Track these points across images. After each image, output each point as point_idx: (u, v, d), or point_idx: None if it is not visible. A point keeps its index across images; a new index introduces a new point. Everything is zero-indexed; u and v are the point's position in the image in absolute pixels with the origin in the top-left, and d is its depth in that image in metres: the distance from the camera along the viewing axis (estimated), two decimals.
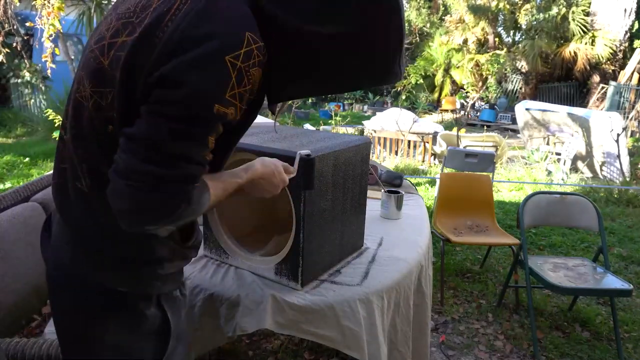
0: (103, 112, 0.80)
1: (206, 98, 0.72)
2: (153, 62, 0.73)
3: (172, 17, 0.74)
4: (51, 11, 3.92)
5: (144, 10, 0.79)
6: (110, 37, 0.81)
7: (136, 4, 0.82)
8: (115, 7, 0.88)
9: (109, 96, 0.79)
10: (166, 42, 0.73)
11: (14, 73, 8.25)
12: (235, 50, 0.72)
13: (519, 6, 13.72)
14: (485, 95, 14.01)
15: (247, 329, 1.28)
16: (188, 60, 0.71)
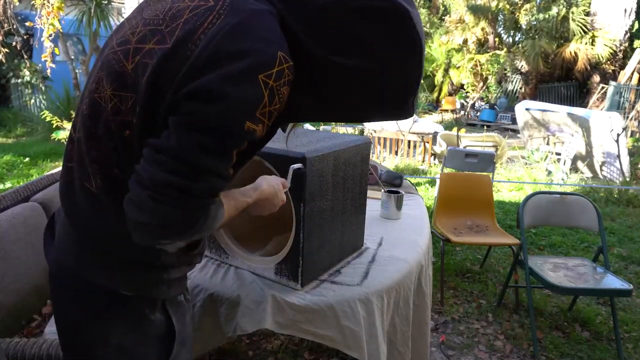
0: (121, 116, 0.79)
1: (239, 114, 0.72)
2: (183, 76, 0.72)
3: (205, 30, 0.74)
4: (51, 11, 3.93)
5: (174, 20, 0.78)
6: (137, 42, 0.80)
7: (165, 11, 0.81)
8: (140, 10, 0.87)
9: (130, 101, 0.78)
10: (198, 56, 0.72)
11: (14, 73, 8.25)
12: (268, 69, 0.72)
13: (519, 6, 13.72)
14: (485, 95, 14.01)
15: (247, 329, 1.28)
16: (222, 75, 0.70)
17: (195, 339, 1.35)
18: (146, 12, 0.85)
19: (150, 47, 0.77)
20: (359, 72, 0.80)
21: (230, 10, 0.75)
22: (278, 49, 0.74)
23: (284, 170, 1.23)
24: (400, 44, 0.80)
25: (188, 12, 0.78)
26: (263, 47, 0.73)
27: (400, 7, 0.78)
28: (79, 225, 0.90)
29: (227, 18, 0.74)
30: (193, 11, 0.77)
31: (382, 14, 0.77)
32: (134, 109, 0.77)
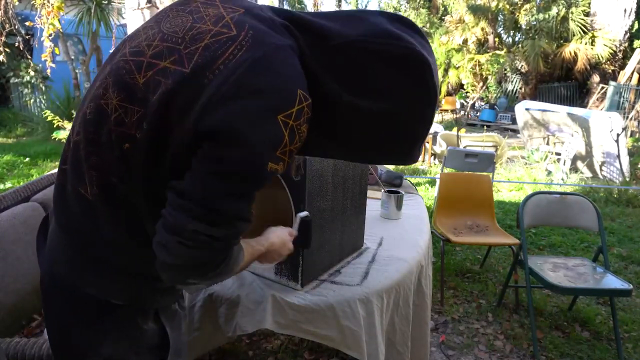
0: (124, 128, 0.77)
1: (260, 157, 0.71)
2: (202, 108, 0.70)
3: (226, 61, 0.72)
4: (51, 10, 3.93)
5: (194, 42, 0.76)
6: (152, 56, 0.78)
7: (185, 30, 0.78)
8: (158, 21, 0.84)
9: (135, 115, 0.76)
10: (217, 88, 0.70)
11: (14, 73, 8.25)
12: (288, 109, 0.71)
13: (519, 6, 13.72)
14: (485, 95, 14.02)
15: (247, 329, 1.28)
16: (243, 115, 0.69)
17: (195, 339, 1.35)
18: (164, 24, 0.82)
19: (166, 66, 0.75)
20: (371, 114, 0.79)
21: (253, 43, 0.74)
22: (298, 87, 0.73)
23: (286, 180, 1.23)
24: (416, 92, 0.79)
25: (209, 37, 0.76)
26: (284, 85, 0.72)
27: (420, 56, 0.77)
28: (70, 230, 0.88)
29: (249, 51, 0.73)
30: (214, 37, 0.75)
31: (401, 60, 0.77)
32: (140, 124, 0.75)
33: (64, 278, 0.88)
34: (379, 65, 0.76)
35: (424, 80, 0.79)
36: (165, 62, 0.75)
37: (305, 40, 0.79)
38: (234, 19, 0.78)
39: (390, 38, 0.77)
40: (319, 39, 0.78)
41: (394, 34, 0.77)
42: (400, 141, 0.85)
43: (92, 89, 0.87)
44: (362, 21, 0.80)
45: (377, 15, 0.82)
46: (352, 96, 0.78)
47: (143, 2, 3.15)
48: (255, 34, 0.75)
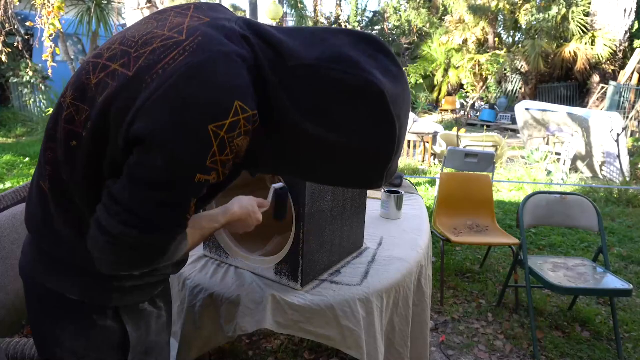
0: (72, 126, 0.78)
1: (187, 168, 0.70)
2: (136, 110, 0.70)
3: (165, 66, 0.71)
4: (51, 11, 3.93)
5: (144, 46, 0.76)
6: (107, 58, 0.79)
7: (141, 35, 0.79)
8: (129, 28, 0.86)
9: (84, 114, 0.77)
10: (150, 94, 0.69)
11: (14, 73, 8.25)
12: (220, 120, 0.68)
13: (519, 6, 13.72)
14: (485, 95, 14.01)
15: (247, 329, 1.28)
16: (171, 123, 0.68)
17: (195, 339, 1.35)
18: (131, 30, 0.83)
19: (115, 68, 0.76)
20: (321, 142, 0.75)
21: (196, 49, 0.72)
22: (235, 98, 0.69)
23: None
24: (372, 125, 0.75)
25: (159, 41, 0.75)
26: (218, 95, 0.69)
27: (376, 87, 0.72)
28: (29, 223, 0.91)
29: (189, 57, 0.71)
30: (163, 42, 0.75)
31: (356, 90, 0.72)
32: (86, 123, 0.76)
33: (27, 272, 0.92)
34: (333, 93, 0.73)
35: (382, 113, 0.74)
36: (116, 64, 0.76)
37: (265, 54, 0.76)
38: (191, 26, 0.77)
39: (346, 65, 0.72)
40: (278, 56, 0.75)
41: (352, 60, 0.73)
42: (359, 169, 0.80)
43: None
44: (322, 42, 0.76)
45: (341, 35, 0.78)
46: (303, 120, 0.74)
47: (143, 2, 3.15)
48: (203, 40, 0.73)
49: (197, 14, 0.82)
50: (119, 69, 0.75)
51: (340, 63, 0.73)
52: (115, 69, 0.75)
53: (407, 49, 16.88)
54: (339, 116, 0.74)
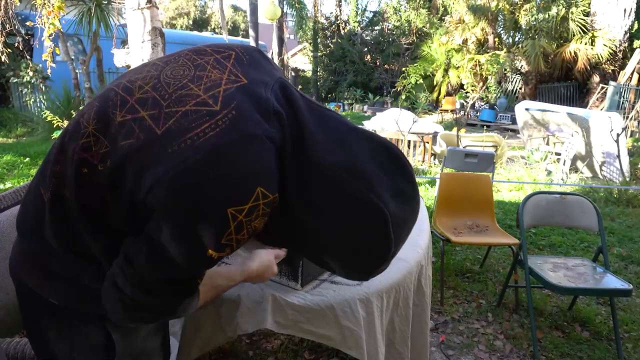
0: (88, 154, 0.77)
1: (201, 244, 0.71)
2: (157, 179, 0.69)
3: (195, 137, 0.70)
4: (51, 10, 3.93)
5: (177, 104, 0.74)
6: (137, 101, 0.77)
7: (176, 86, 0.77)
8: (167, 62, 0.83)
9: (103, 148, 0.76)
10: (179, 162, 0.69)
11: (14, 73, 8.26)
12: (240, 205, 0.68)
13: (518, 6, 13.73)
14: (485, 95, 14.02)
15: (247, 329, 1.28)
16: (191, 201, 0.68)
17: (195, 339, 1.35)
18: (167, 70, 0.81)
19: (143, 117, 0.74)
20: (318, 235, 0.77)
21: (228, 127, 0.71)
22: (258, 184, 0.69)
23: None
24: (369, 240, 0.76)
25: (193, 104, 0.73)
26: (241, 181, 0.69)
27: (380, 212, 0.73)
28: (20, 230, 0.91)
29: (219, 135, 0.70)
30: (197, 106, 0.73)
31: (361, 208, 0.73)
32: (104, 160, 0.75)
33: (15, 270, 0.93)
34: (337, 201, 0.73)
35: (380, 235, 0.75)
36: (145, 112, 0.75)
37: (292, 136, 0.75)
38: (227, 91, 0.75)
39: (358, 180, 0.72)
40: (301, 144, 0.74)
41: (365, 176, 0.73)
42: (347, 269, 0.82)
43: (91, 100, 0.90)
44: (343, 147, 0.75)
45: (364, 141, 0.77)
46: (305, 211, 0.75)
47: (143, 2, 3.15)
48: (236, 115, 0.72)
49: (236, 69, 0.80)
50: (147, 120, 0.74)
51: (353, 176, 0.72)
52: (144, 118, 0.74)
53: (407, 49, 16.90)
54: (338, 222, 0.74)
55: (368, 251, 0.77)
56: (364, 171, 0.73)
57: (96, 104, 0.81)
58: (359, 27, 18.27)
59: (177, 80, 0.78)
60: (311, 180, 0.73)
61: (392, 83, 16.13)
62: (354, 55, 17.19)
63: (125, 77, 0.84)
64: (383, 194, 0.73)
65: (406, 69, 14.83)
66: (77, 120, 0.82)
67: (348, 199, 0.72)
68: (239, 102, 0.74)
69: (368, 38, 18.38)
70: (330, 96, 17.66)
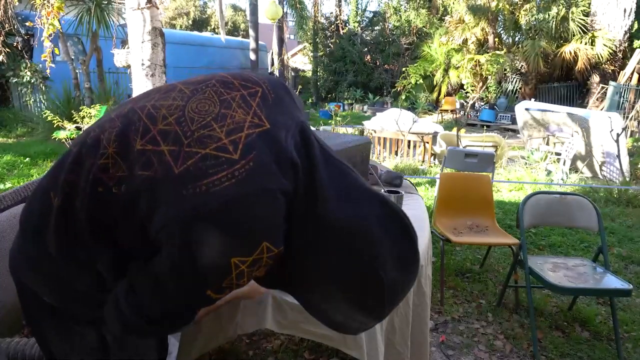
0: (104, 175, 0.77)
1: (201, 286, 0.74)
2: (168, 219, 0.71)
3: (211, 184, 0.70)
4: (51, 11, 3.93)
5: (198, 144, 0.74)
6: (159, 132, 0.77)
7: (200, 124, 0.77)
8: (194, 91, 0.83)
9: (120, 172, 0.76)
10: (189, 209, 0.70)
11: (14, 73, 8.25)
12: (244, 256, 0.70)
13: (519, 6, 13.72)
14: (485, 96, 14.02)
15: (247, 329, 1.28)
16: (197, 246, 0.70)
17: (195, 339, 1.35)
18: (193, 103, 0.80)
19: (162, 150, 0.75)
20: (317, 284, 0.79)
21: (244, 179, 0.71)
22: (265, 239, 0.71)
23: None
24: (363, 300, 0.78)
25: (213, 147, 0.73)
26: (248, 235, 0.70)
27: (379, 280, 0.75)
28: (23, 225, 0.90)
29: (235, 186, 0.70)
30: (216, 151, 0.73)
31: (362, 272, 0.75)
32: (120, 183, 0.76)
33: (15, 268, 0.92)
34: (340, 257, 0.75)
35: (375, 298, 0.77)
36: (165, 147, 0.75)
37: (305, 188, 0.77)
38: (248, 138, 0.75)
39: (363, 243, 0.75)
40: (312, 196, 0.76)
41: (371, 240, 0.75)
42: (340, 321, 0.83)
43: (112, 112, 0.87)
44: (354, 205, 0.77)
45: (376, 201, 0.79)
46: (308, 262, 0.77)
47: (143, 2, 3.15)
48: (254, 167, 0.72)
49: (260, 110, 0.80)
50: (167, 155, 0.74)
51: (359, 237, 0.75)
52: (163, 152, 0.74)
53: (407, 49, 16.90)
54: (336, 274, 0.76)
55: (359, 308, 0.78)
56: (371, 233, 0.75)
57: (118, 124, 0.80)
58: (359, 27, 18.28)
59: (201, 116, 0.78)
60: (318, 233, 0.75)
61: (392, 83, 16.13)
62: (354, 55, 17.19)
63: (150, 100, 0.83)
64: (385, 260, 0.75)
65: (406, 69, 14.83)
66: (97, 136, 0.81)
67: (349, 257, 0.75)
68: (258, 152, 0.74)
69: (368, 38, 18.38)
70: (330, 96, 17.65)
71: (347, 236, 0.75)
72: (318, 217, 0.75)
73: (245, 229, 0.70)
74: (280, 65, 15.09)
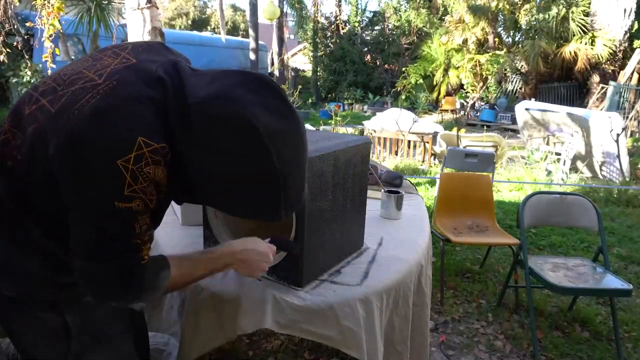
0: (8, 149, 0.88)
1: (105, 198, 0.79)
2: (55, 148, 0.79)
3: (81, 106, 0.80)
4: (51, 11, 3.92)
5: (69, 86, 0.85)
6: (40, 93, 0.88)
7: (72, 74, 0.88)
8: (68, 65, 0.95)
9: (18, 141, 0.86)
10: (68, 133, 0.78)
11: (14, 73, 8.25)
12: (125, 155, 0.77)
13: (519, 6, 13.72)
14: (485, 95, 14.02)
15: (247, 329, 1.28)
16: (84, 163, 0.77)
17: (195, 339, 1.35)
18: (68, 67, 0.92)
19: (43, 104, 0.85)
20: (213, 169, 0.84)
21: (109, 92, 0.81)
22: (138, 135, 0.78)
23: None
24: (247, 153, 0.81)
25: (81, 82, 0.84)
26: (121, 134, 0.77)
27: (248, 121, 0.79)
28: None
29: (101, 100, 0.80)
30: (84, 84, 0.84)
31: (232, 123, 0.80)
32: (21, 149, 0.86)
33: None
34: (214, 125, 0.81)
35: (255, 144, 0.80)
36: (45, 100, 0.86)
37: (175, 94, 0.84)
38: (114, 69, 0.86)
39: (226, 101, 0.80)
40: (183, 97, 0.84)
41: (232, 96, 0.81)
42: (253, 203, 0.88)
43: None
44: (215, 81, 0.84)
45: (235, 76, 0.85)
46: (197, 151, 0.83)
47: (143, 2, 3.15)
48: (117, 84, 0.82)
49: (129, 55, 0.91)
50: (46, 104, 0.85)
51: (222, 99, 0.81)
52: (44, 104, 0.85)
53: (407, 49, 16.90)
54: (220, 146, 0.82)
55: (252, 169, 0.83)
56: (232, 94, 0.81)
57: (13, 108, 0.93)
58: (359, 27, 18.27)
59: (74, 71, 0.89)
60: (194, 119, 0.82)
61: (392, 83, 16.13)
62: (354, 55, 17.19)
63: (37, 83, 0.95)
64: (251, 107, 0.80)
65: (406, 69, 14.83)
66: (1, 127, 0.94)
67: (220, 119, 0.80)
68: (121, 75, 0.85)
69: (368, 38, 18.37)
70: (330, 96, 17.65)
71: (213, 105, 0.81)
72: (189, 105, 0.82)
73: (116, 131, 0.78)
74: (280, 65, 15.09)
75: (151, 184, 0.81)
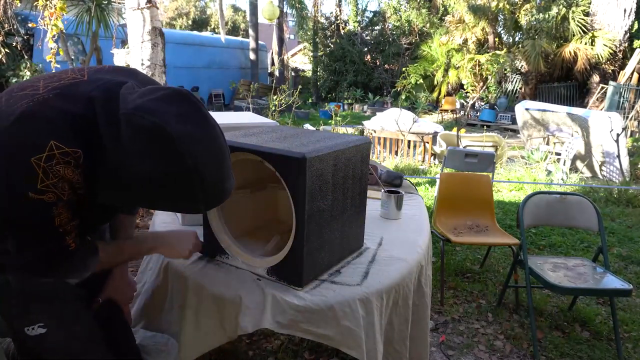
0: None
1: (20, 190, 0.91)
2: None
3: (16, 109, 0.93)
4: (53, 12, 3.92)
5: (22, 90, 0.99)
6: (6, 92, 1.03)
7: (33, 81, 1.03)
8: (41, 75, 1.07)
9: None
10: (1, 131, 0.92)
11: (14, 73, 8.25)
12: (38, 154, 0.90)
13: (519, 6, 13.73)
14: (485, 95, 14.02)
15: (247, 329, 1.28)
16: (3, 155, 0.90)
17: (195, 339, 1.35)
18: (41, 75, 1.07)
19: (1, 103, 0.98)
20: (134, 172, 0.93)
21: (42, 102, 0.95)
22: (51, 139, 0.91)
23: (284, 168, 1.23)
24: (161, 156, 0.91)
25: (30, 89, 0.98)
26: (37, 137, 0.91)
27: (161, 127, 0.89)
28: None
29: (32, 105, 0.94)
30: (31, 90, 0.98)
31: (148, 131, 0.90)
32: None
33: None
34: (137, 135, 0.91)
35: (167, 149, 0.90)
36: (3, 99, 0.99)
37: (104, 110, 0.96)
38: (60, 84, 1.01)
39: (144, 112, 0.91)
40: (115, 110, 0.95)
41: (150, 108, 0.91)
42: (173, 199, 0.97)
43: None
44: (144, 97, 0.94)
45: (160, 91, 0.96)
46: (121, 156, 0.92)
47: (143, 2, 3.15)
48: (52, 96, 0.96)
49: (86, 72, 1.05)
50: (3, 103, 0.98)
51: (144, 111, 0.91)
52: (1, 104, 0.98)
53: (407, 49, 16.90)
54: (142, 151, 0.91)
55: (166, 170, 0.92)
56: (152, 107, 0.92)
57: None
58: (359, 27, 18.28)
59: (37, 78, 1.02)
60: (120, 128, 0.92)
61: (392, 83, 16.13)
62: (354, 55, 17.19)
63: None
64: (169, 119, 0.91)
65: (406, 69, 14.84)
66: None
67: (142, 129, 0.90)
68: (62, 90, 0.99)
69: (368, 38, 18.37)
70: (330, 96, 17.65)
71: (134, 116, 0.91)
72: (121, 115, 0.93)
73: (32, 133, 0.91)
74: (280, 65, 15.10)
75: (62, 181, 0.93)
